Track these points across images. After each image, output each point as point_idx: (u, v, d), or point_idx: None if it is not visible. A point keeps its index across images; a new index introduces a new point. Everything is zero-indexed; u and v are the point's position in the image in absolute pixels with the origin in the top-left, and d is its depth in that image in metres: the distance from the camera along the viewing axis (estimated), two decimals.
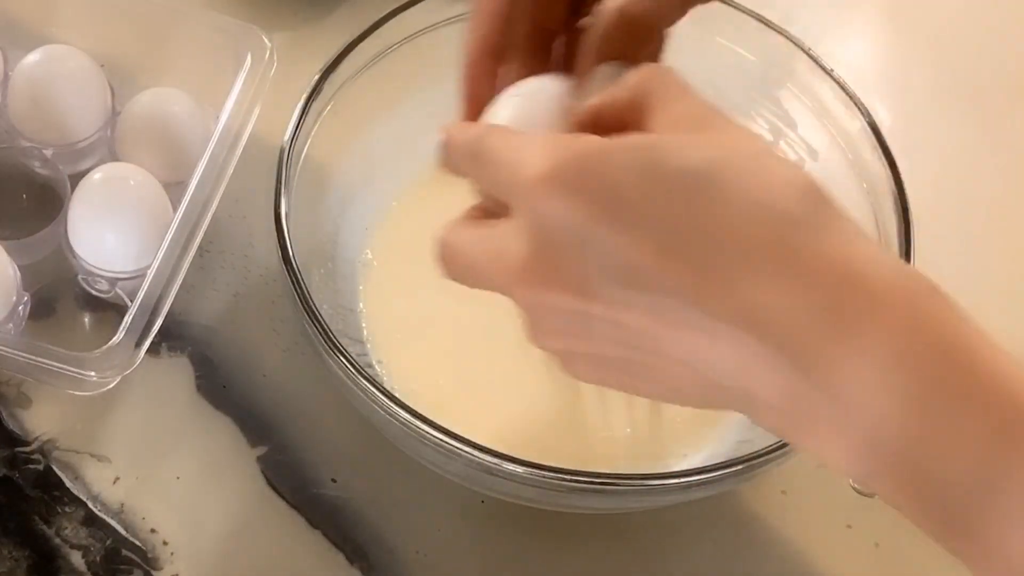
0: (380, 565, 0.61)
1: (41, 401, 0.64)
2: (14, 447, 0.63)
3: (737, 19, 0.67)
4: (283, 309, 0.66)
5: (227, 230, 0.69)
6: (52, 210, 0.66)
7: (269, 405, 0.65)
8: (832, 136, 0.66)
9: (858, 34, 0.83)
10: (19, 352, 0.60)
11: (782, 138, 0.69)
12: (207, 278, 0.68)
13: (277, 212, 0.60)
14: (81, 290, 0.66)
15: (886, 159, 0.64)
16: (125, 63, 0.71)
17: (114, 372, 0.60)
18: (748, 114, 0.70)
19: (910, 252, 0.61)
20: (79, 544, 0.61)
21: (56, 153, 0.68)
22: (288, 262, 0.58)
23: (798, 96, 0.67)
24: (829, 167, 0.67)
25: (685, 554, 0.62)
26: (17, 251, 0.65)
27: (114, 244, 0.64)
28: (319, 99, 0.63)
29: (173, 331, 0.66)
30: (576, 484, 0.55)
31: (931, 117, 0.78)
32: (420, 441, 0.56)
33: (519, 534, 0.62)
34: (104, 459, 0.63)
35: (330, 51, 0.64)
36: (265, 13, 0.75)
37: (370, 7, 0.67)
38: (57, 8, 0.72)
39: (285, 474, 0.63)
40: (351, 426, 0.62)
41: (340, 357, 0.56)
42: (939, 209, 0.71)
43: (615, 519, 0.62)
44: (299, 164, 0.62)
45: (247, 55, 0.67)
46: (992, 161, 0.77)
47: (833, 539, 0.63)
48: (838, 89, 0.66)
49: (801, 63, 0.67)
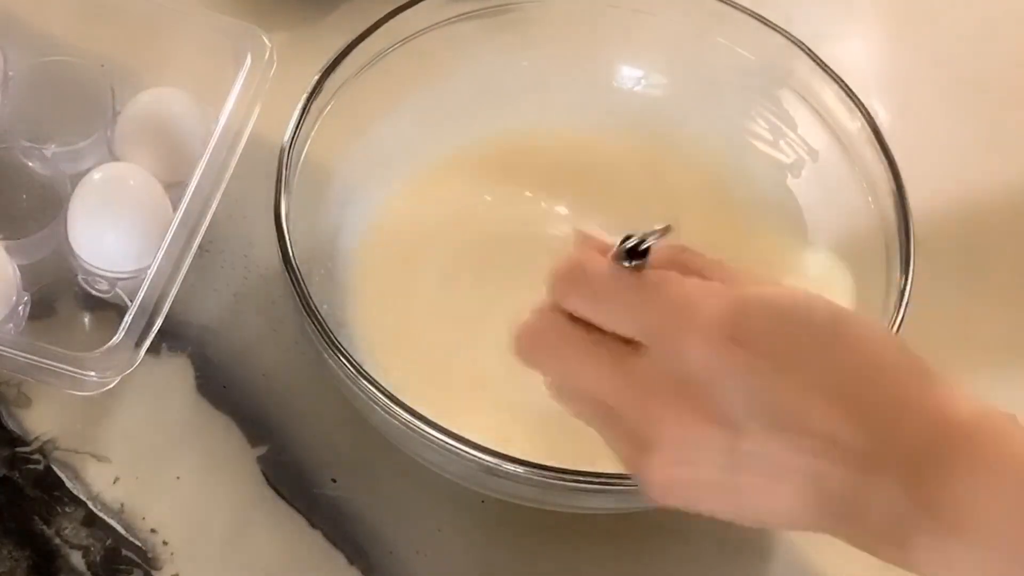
0: (380, 565, 0.61)
1: (41, 401, 0.64)
2: (14, 447, 0.63)
3: (737, 19, 0.67)
4: (283, 309, 0.66)
5: (227, 230, 0.69)
6: (52, 210, 0.66)
7: (269, 405, 0.65)
8: (832, 136, 0.66)
9: (858, 34, 0.83)
10: (19, 352, 0.60)
11: (782, 138, 0.69)
12: (207, 278, 0.68)
13: (277, 212, 0.60)
14: (81, 290, 0.66)
15: (886, 159, 0.64)
16: (125, 63, 0.71)
17: (114, 372, 0.60)
18: (748, 114, 0.70)
19: (910, 252, 0.61)
20: (79, 544, 0.61)
21: (56, 153, 0.68)
22: (288, 262, 0.58)
23: (798, 96, 0.68)
24: (829, 167, 0.67)
25: (685, 554, 0.62)
26: (17, 251, 0.65)
27: (114, 244, 0.64)
28: (319, 99, 0.63)
29: (173, 331, 0.65)
30: (576, 484, 0.55)
31: (931, 117, 0.78)
32: (420, 441, 0.56)
33: (519, 534, 0.62)
34: (104, 459, 0.63)
35: (330, 51, 0.64)
36: (265, 13, 0.75)
37: (370, 7, 0.67)
38: (57, 8, 0.72)
39: (285, 474, 0.63)
40: (351, 426, 0.62)
41: (340, 357, 0.56)
42: (939, 209, 0.71)
43: (615, 519, 0.62)
44: (299, 164, 0.62)
45: (247, 55, 0.67)
46: (992, 161, 0.77)
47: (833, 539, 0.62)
48: (838, 89, 0.66)
49: (801, 63, 0.67)
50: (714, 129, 0.70)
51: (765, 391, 0.44)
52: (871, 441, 0.43)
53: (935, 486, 0.42)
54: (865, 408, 0.44)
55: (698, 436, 0.45)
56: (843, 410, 0.44)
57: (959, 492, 0.42)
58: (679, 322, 0.46)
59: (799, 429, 0.44)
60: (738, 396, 0.44)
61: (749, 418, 0.44)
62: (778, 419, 0.44)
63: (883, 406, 0.44)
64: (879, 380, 0.44)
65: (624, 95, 0.71)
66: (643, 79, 0.72)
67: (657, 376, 0.46)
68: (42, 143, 0.68)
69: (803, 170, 0.68)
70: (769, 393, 0.44)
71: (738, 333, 0.45)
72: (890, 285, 0.61)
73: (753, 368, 0.44)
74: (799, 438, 0.44)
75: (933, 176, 0.74)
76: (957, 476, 0.42)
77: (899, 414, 0.44)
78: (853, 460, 0.43)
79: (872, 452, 0.43)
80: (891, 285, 0.61)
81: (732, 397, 0.45)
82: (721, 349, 0.45)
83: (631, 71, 0.72)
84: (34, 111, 0.69)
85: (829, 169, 0.67)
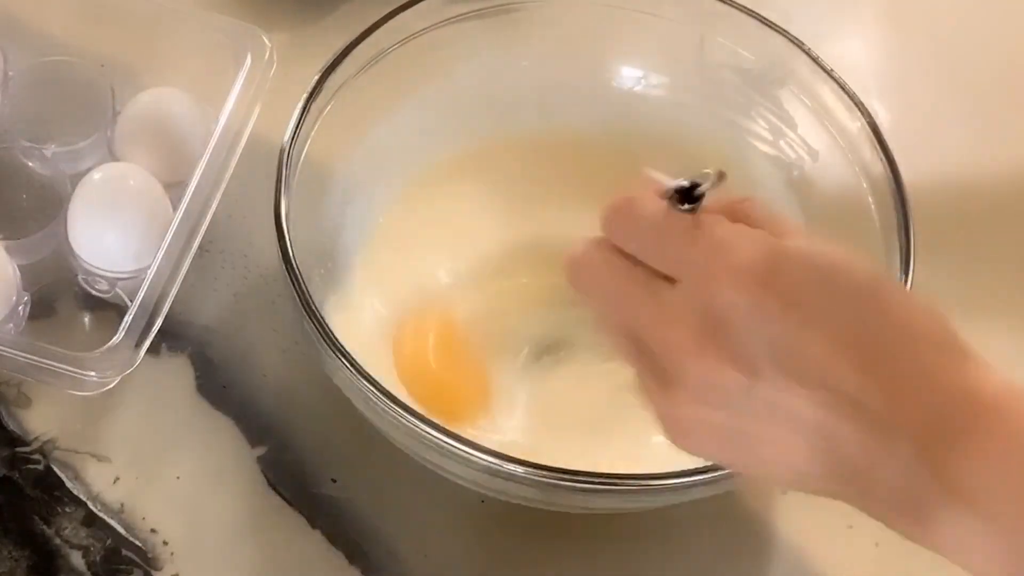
0: (380, 565, 0.61)
1: (41, 401, 0.64)
2: (14, 447, 0.63)
3: (737, 19, 0.67)
4: (283, 309, 0.66)
5: (227, 230, 0.69)
6: (52, 210, 0.66)
7: (269, 405, 0.65)
8: (832, 136, 0.66)
9: (858, 34, 0.83)
10: (19, 352, 0.60)
11: (782, 138, 0.69)
12: (207, 278, 0.68)
13: (277, 212, 0.59)
14: (81, 290, 0.66)
15: (886, 159, 0.64)
16: (125, 63, 0.71)
17: (114, 372, 0.60)
18: (748, 114, 0.70)
19: (910, 252, 0.61)
20: (79, 544, 0.61)
21: (56, 153, 0.68)
22: (288, 262, 0.58)
23: (798, 96, 0.67)
24: (829, 167, 0.67)
25: (685, 554, 0.62)
26: (17, 251, 0.65)
27: (114, 244, 0.64)
28: (319, 99, 0.63)
29: (173, 331, 0.65)
30: (576, 484, 0.55)
31: (931, 117, 0.78)
32: (420, 441, 0.56)
33: (519, 534, 0.62)
34: (104, 459, 0.63)
35: (330, 51, 0.64)
36: (265, 13, 0.75)
37: (370, 7, 0.67)
38: (57, 8, 0.72)
39: (285, 474, 0.63)
40: (351, 426, 0.62)
41: (340, 357, 0.56)
42: (939, 209, 0.71)
43: (615, 519, 0.62)
44: (299, 164, 0.62)
45: (247, 55, 0.67)
46: (992, 161, 0.77)
47: (833, 539, 0.63)
48: (838, 89, 0.66)
49: (801, 63, 0.67)
50: (714, 129, 0.70)
51: (788, 340, 0.44)
52: (889, 405, 0.43)
53: (952, 458, 0.42)
54: (888, 372, 0.43)
55: (718, 376, 0.45)
56: (865, 371, 0.43)
57: (976, 466, 0.42)
58: (715, 260, 0.46)
59: (818, 382, 0.44)
60: (760, 340, 0.44)
61: (769, 364, 0.44)
62: (798, 369, 0.44)
63: (907, 373, 0.43)
64: (908, 347, 0.44)
65: (624, 95, 0.71)
66: (643, 79, 0.72)
67: (686, 311, 0.46)
68: (42, 143, 0.68)
69: (803, 170, 0.68)
70: (792, 342, 0.44)
71: (772, 280, 0.45)
72: None
73: (779, 315, 0.44)
74: (817, 391, 0.44)
75: (933, 176, 0.74)
76: (975, 450, 0.42)
77: (922, 383, 0.43)
78: (869, 422, 0.43)
79: (889, 416, 0.43)
80: None
81: (754, 340, 0.45)
82: (751, 292, 0.45)
83: (631, 71, 0.72)
84: (34, 111, 0.69)
85: (829, 169, 0.67)
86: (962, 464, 0.42)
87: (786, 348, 0.44)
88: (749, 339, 0.45)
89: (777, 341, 0.44)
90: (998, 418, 0.42)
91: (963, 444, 0.42)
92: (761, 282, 0.45)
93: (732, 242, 0.46)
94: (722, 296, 0.45)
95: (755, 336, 0.44)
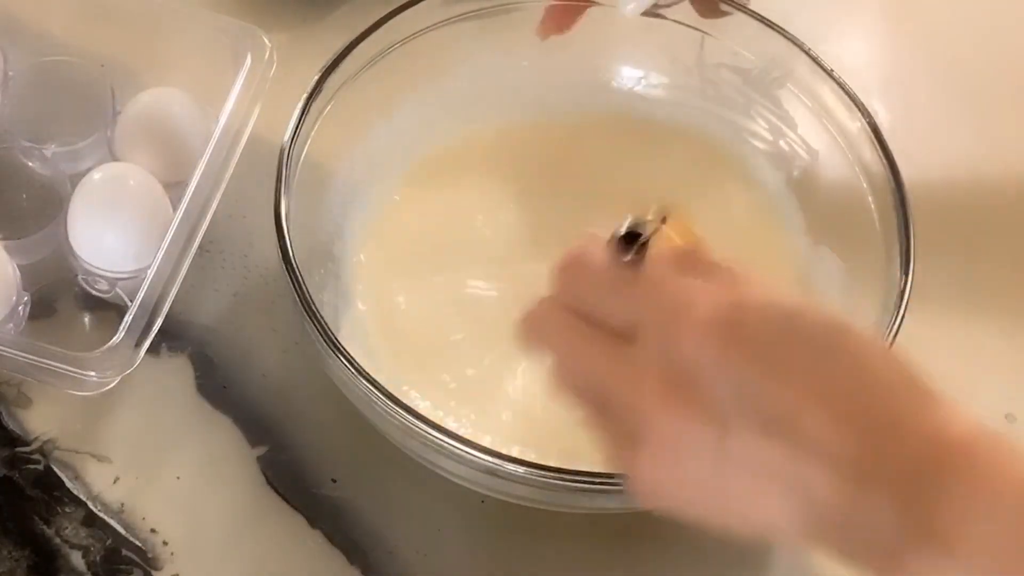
0: (380, 565, 0.61)
1: (41, 401, 0.64)
2: (14, 447, 0.63)
3: (737, 19, 0.67)
4: (283, 309, 0.66)
5: (227, 230, 0.69)
6: (52, 210, 0.66)
7: (269, 405, 0.65)
8: (832, 136, 0.66)
9: (858, 34, 0.83)
10: (19, 352, 0.60)
11: (782, 138, 0.69)
12: (207, 278, 0.68)
13: (277, 212, 0.60)
14: (81, 290, 0.66)
15: (886, 159, 0.64)
16: (125, 63, 0.71)
17: (114, 372, 0.60)
18: (748, 114, 0.70)
19: (910, 252, 0.61)
20: (79, 544, 0.61)
21: (56, 153, 0.68)
22: (288, 262, 0.58)
23: (798, 96, 0.68)
24: (829, 167, 0.67)
25: (685, 554, 0.62)
26: (17, 251, 0.65)
27: (114, 244, 0.64)
28: (319, 99, 0.63)
29: (173, 331, 0.65)
30: (576, 484, 0.55)
31: (931, 117, 0.78)
32: (420, 441, 0.56)
33: (519, 534, 0.62)
34: (104, 459, 0.63)
35: (330, 51, 0.64)
36: (265, 13, 0.75)
37: (370, 7, 0.67)
38: (57, 8, 0.72)
39: (285, 474, 0.63)
40: (351, 426, 0.62)
41: (340, 357, 0.56)
42: (939, 209, 0.71)
43: (615, 519, 0.62)
44: (299, 164, 0.62)
45: (247, 55, 0.67)
46: (992, 161, 0.77)
47: None
48: (838, 89, 0.66)
49: (801, 63, 0.67)
50: (714, 129, 0.70)
51: (755, 391, 0.44)
52: (862, 453, 0.43)
53: (928, 504, 0.42)
54: (858, 420, 0.43)
55: (686, 431, 0.45)
56: (835, 420, 0.43)
57: (952, 511, 0.42)
58: (674, 317, 0.45)
59: (788, 433, 0.43)
60: (727, 393, 0.44)
61: (737, 416, 0.44)
62: (766, 421, 0.43)
63: (877, 419, 0.43)
64: (874, 393, 0.44)
65: (624, 95, 0.71)
66: (643, 79, 0.72)
67: (648, 368, 0.46)
68: (42, 143, 0.68)
69: (803, 170, 0.68)
70: (759, 394, 0.44)
71: (733, 332, 0.44)
72: (890, 285, 0.61)
73: (745, 367, 0.44)
74: (787, 443, 0.43)
75: (933, 176, 0.74)
76: (951, 495, 0.42)
77: (893, 429, 0.43)
78: (843, 471, 0.43)
79: (863, 464, 0.43)
80: (891, 285, 0.61)
81: (721, 393, 0.44)
82: (714, 346, 0.44)
83: (631, 71, 0.72)
84: (34, 111, 0.69)
85: (829, 169, 0.67)
86: (938, 510, 0.42)
87: (754, 400, 0.44)
88: (715, 392, 0.44)
89: (744, 393, 0.44)
90: (966, 463, 0.42)
91: (939, 490, 0.42)
92: (722, 335, 0.44)
93: (689, 297, 0.46)
94: (685, 351, 0.45)
95: (721, 389, 0.44)
